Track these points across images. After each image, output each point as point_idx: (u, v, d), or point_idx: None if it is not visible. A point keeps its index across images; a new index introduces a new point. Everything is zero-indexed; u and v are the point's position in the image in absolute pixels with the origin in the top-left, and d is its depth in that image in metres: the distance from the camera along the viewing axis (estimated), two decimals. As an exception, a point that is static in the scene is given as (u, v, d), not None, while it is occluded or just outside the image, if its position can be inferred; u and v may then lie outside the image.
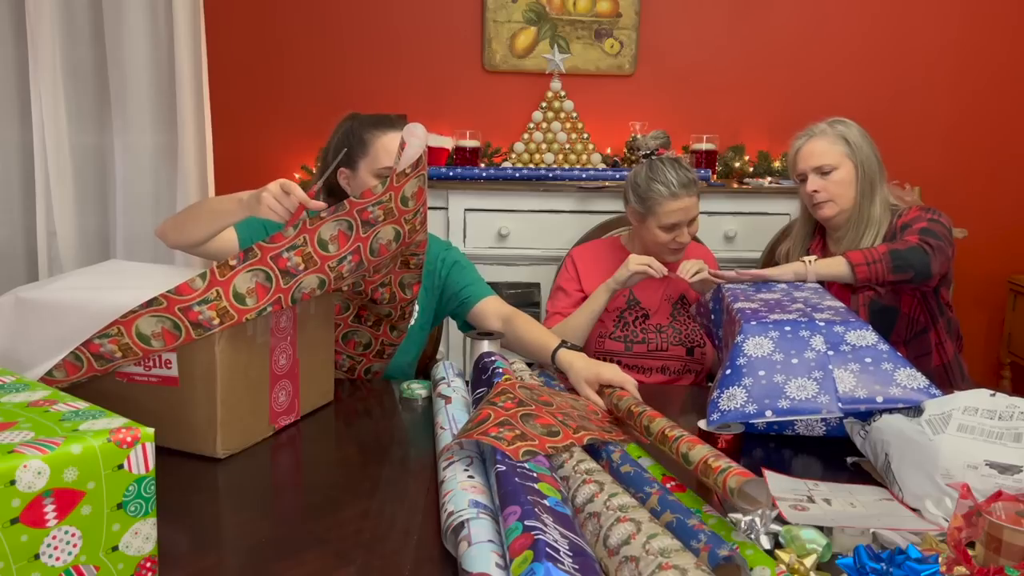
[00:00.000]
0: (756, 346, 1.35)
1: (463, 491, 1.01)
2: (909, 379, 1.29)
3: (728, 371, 1.33)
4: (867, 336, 1.34)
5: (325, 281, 1.36)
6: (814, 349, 1.33)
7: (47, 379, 1.25)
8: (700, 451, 1.06)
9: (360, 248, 1.40)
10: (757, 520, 0.98)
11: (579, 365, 1.52)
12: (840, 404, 1.27)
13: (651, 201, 2.02)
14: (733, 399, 1.29)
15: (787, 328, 1.36)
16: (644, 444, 1.28)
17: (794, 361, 1.32)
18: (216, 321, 1.22)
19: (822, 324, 1.37)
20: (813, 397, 1.28)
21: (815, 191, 1.95)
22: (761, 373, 1.31)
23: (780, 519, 1.05)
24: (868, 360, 1.31)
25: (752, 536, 0.99)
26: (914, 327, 1.95)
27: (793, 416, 1.28)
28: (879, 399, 1.27)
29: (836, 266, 1.78)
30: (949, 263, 1.83)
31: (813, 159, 1.96)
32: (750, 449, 1.37)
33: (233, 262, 1.26)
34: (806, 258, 1.81)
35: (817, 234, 2.08)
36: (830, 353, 1.33)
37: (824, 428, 1.40)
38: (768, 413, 1.28)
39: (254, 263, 1.28)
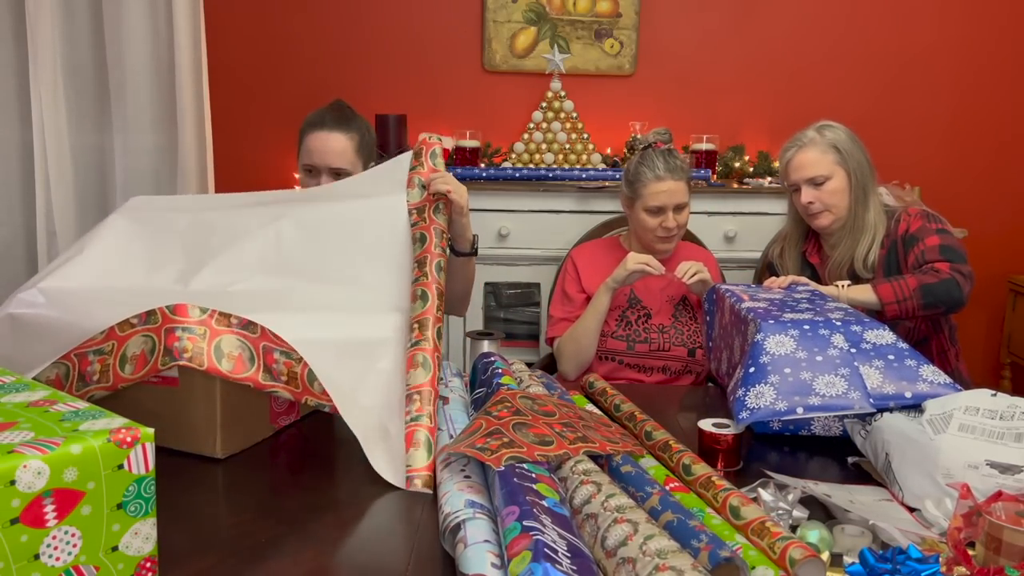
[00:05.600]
0: (778, 344, 1.34)
1: (459, 492, 1.01)
2: (934, 375, 1.30)
3: (751, 369, 1.33)
4: (885, 335, 1.35)
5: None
6: (836, 347, 1.33)
7: None
8: (753, 511, 1.00)
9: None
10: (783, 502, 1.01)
11: None
12: (871, 400, 1.27)
13: (637, 184, 2.06)
14: (761, 397, 1.29)
15: (806, 327, 1.36)
16: (650, 456, 1.26)
17: (818, 359, 1.32)
18: (187, 355, 1.17)
19: (839, 323, 1.37)
20: (843, 393, 1.28)
21: (810, 202, 1.94)
22: (787, 371, 1.31)
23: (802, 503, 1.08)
24: (891, 357, 1.32)
25: (778, 513, 1.00)
26: (913, 336, 1.93)
27: (825, 413, 1.28)
28: (908, 395, 1.28)
29: (867, 295, 1.77)
30: (975, 279, 1.81)
31: (805, 170, 1.94)
32: (751, 450, 1.37)
33: (233, 321, 1.22)
34: (839, 283, 1.82)
35: (811, 237, 2.07)
36: (853, 351, 1.33)
37: (841, 428, 1.39)
38: (800, 410, 1.27)
39: (249, 337, 1.22)
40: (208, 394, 1.24)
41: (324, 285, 1.44)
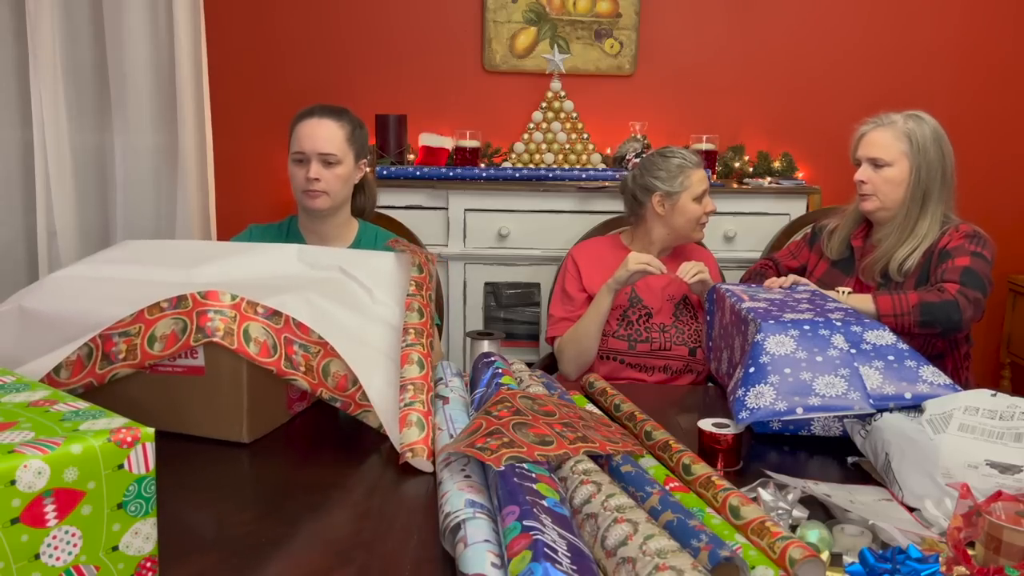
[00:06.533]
0: (778, 344, 1.34)
1: (460, 491, 1.01)
2: (934, 376, 1.30)
3: (751, 369, 1.33)
4: (885, 336, 1.35)
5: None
6: (836, 347, 1.33)
7: (52, 378, 1.25)
8: (753, 510, 1.00)
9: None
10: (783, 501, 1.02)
11: None
12: (871, 401, 1.27)
13: (681, 175, 2.10)
14: (761, 397, 1.29)
15: (806, 327, 1.36)
16: (650, 456, 1.26)
17: (818, 359, 1.32)
18: (219, 333, 1.23)
19: (839, 323, 1.37)
20: (843, 394, 1.28)
21: (862, 181, 1.91)
22: (787, 371, 1.31)
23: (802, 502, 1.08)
24: (891, 358, 1.32)
25: (778, 513, 1.01)
26: (929, 351, 1.87)
27: (824, 413, 1.28)
28: (907, 395, 1.27)
29: (866, 304, 1.75)
30: (984, 309, 1.78)
31: (870, 149, 1.91)
32: (751, 450, 1.37)
33: (260, 310, 1.27)
34: (840, 288, 1.81)
35: (864, 222, 2.03)
36: (852, 351, 1.33)
37: (841, 428, 1.39)
38: (799, 410, 1.27)
39: (273, 327, 1.28)
40: (235, 381, 1.27)
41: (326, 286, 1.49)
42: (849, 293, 1.80)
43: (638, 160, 2.17)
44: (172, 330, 1.24)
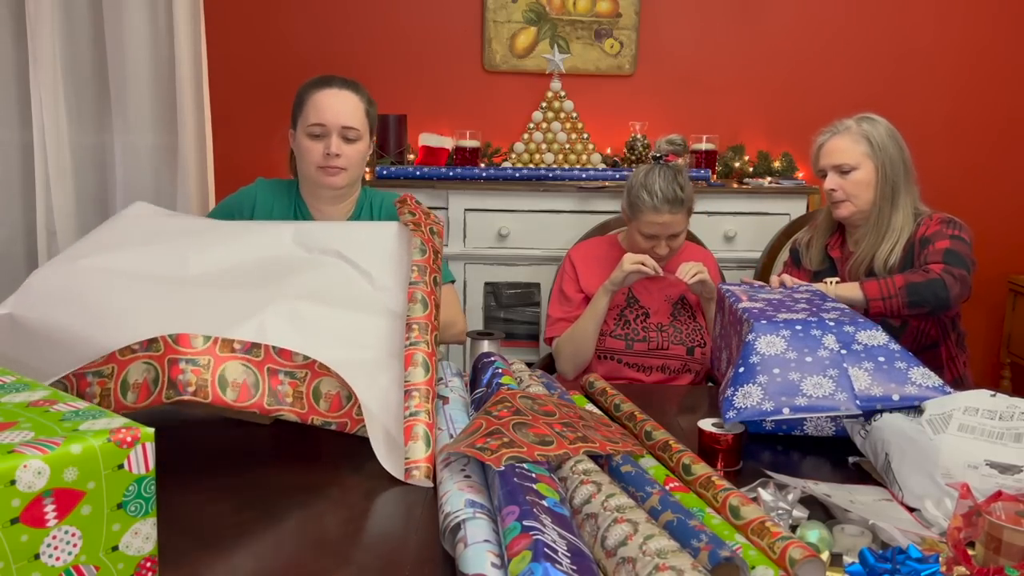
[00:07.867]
0: (768, 344, 1.34)
1: (459, 491, 1.01)
2: (924, 377, 1.29)
3: (741, 369, 1.33)
4: (878, 336, 1.35)
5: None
6: (827, 348, 1.33)
7: None
8: (753, 510, 1.00)
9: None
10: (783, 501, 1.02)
11: None
12: (858, 402, 1.27)
13: (635, 207, 2.05)
14: (749, 396, 1.29)
15: (798, 327, 1.36)
16: (650, 456, 1.26)
17: (808, 359, 1.32)
18: (191, 388, 1.15)
19: (832, 324, 1.37)
20: (830, 395, 1.28)
21: (832, 189, 1.94)
22: (776, 371, 1.31)
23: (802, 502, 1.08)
24: (881, 359, 1.32)
25: (778, 513, 1.01)
26: (922, 340, 1.92)
27: (811, 413, 1.28)
28: (895, 397, 1.27)
29: (854, 292, 1.77)
30: (970, 287, 1.80)
31: (833, 157, 1.95)
32: (750, 450, 1.37)
33: (237, 346, 1.20)
34: (828, 280, 1.82)
35: (837, 231, 2.07)
36: (843, 352, 1.33)
37: (833, 428, 1.39)
38: (786, 411, 1.27)
39: (253, 361, 1.20)
40: None
41: (322, 274, 1.46)
42: (836, 283, 1.81)
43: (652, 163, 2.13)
44: (144, 378, 1.17)
